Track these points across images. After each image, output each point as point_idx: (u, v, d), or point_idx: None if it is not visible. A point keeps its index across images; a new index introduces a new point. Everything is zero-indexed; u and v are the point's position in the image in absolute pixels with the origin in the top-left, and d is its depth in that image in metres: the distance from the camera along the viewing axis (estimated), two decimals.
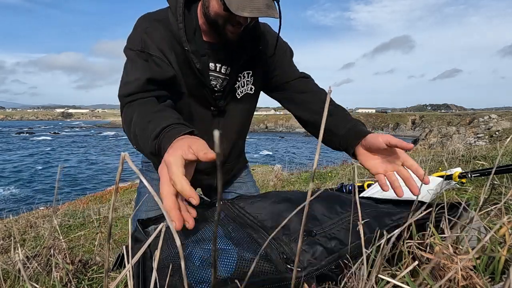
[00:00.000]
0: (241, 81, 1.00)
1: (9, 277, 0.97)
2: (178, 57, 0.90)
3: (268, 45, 1.01)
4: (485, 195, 0.64)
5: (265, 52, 1.01)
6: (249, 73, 1.01)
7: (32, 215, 2.61)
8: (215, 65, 0.95)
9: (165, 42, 0.88)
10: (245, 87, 1.03)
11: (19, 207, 8.04)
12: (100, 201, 4.08)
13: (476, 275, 0.46)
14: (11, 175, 17.57)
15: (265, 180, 3.44)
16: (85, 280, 0.95)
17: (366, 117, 61.33)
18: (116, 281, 0.33)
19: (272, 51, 0.99)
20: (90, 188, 12.29)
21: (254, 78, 1.03)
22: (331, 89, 0.26)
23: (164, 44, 0.88)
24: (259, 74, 1.04)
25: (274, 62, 1.05)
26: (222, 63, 0.96)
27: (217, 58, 0.95)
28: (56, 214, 2.34)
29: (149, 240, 0.32)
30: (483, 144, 5.84)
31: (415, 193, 0.71)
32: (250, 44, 0.95)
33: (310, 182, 0.23)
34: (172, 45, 0.89)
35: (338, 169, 3.70)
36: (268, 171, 4.87)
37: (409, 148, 0.73)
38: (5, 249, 1.58)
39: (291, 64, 1.09)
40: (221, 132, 0.82)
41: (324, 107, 0.27)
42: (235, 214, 0.73)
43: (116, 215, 2.22)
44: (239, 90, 1.02)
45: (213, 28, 0.88)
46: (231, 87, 0.98)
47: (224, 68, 0.97)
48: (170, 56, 0.89)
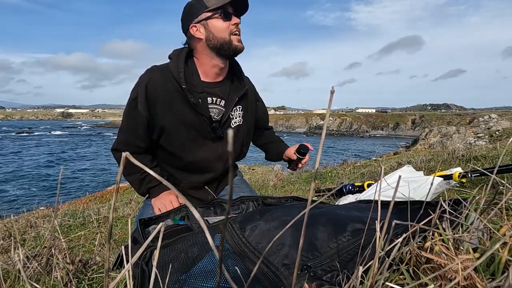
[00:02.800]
0: (234, 114, 1.25)
1: (9, 277, 0.97)
2: (176, 96, 1.12)
3: (253, 93, 1.36)
4: (486, 196, 0.63)
5: (252, 97, 1.34)
6: (240, 107, 1.27)
7: (32, 215, 2.60)
8: (212, 99, 1.19)
9: (159, 87, 1.11)
10: (237, 119, 1.27)
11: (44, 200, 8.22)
12: (100, 201, 4.07)
13: (476, 275, 0.46)
14: (29, 174, 17.40)
15: (265, 180, 3.44)
16: (85, 280, 0.95)
17: (366, 117, 61.25)
18: (116, 281, 0.33)
19: (257, 97, 1.40)
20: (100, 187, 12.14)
21: (243, 112, 1.29)
22: (333, 89, 0.26)
23: (158, 89, 1.11)
24: (248, 111, 1.31)
25: (258, 108, 1.41)
26: (218, 97, 1.20)
27: (214, 93, 1.19)
28: (56, 214, 2.34)
29: (148, 240, 0.32)
30: (483, 143, 5.85)
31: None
32: (237, 83, 1.25)
33: (311, 183, 0.23)
34: (171, 87, 1.11)
35: (338, 169, 3.70)
36: (268, 171, 4.87)
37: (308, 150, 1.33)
38: (5, 249, 1.58)
39: (266, 114, 1.50)
40: (221, 154, 1.15)
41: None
42: (235, 242, 0.72)
43: (116, 215, 2.22)
44: (233, 120, 1.25)
45: (225, 47, 1.11)
46: (227, 117, 1.21)
47: (219, 101, 1.21)
48: (165, 98, 1.11)
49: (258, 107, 1.42)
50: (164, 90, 1.11)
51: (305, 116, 65.81)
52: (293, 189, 2.83)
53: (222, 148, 1.24)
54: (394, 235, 0.60)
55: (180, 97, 1.12)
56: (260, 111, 1.44)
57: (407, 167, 1.49)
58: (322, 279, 0.56)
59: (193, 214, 0.40)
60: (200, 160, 1.23)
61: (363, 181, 1.75)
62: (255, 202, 1.13)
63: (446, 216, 0.60)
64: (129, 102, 1.15)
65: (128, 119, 1.16)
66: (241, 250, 0.68)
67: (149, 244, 0.75)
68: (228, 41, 1.10)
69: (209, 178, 1.29)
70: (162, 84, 1.11)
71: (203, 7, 1.09)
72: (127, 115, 1.16)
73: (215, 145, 1.23)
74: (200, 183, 1.30)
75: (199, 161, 1.23)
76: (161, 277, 0.61)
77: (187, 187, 1.30)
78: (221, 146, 1.24)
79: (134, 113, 1.13)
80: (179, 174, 1.27)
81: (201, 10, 1.09)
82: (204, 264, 0.65)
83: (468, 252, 0.53)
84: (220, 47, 1.11)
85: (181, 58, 1.13)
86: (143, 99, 1.10)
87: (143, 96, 1.10)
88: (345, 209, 0.82)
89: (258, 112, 1.42)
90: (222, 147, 1.24)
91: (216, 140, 1.23)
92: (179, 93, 1.11)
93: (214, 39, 1.10)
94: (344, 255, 0.60)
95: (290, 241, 0.64)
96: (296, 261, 0.25)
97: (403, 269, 0.52)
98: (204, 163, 1.24)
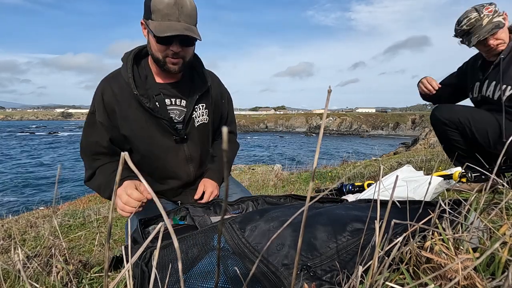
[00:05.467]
0: (197, 112, 1.20)
1: (9, 277, 0.97)
2: (132, 103, 1.09)
3: (221, 91, 1.32)
4: (486, 196, 0.63)
5: (217, 93, 1.28)
6: (203, 105, 1.22)
7: (32, 215, 2.60)
8: (170, 99, 1.15)
9: (114, 97, 1.09)
10: (201, 117, 1.22)
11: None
12: (100, 201, 4.07)
13: (476, 275, 0.46)
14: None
15: (265, 180, 3.44)
16: (85, 280, 0.95)
17: (366, 117, 61.25)
18: (116, 281, 0.33)
19: (223, 96, 1.32)
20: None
21: (208, 110, 1.24)
22: (330, 89, 0.26)
23: (113, 99, 1.09)
24: (212, 109, 1.25)
25: (225, 106, 1.35)
26: (177, 98, 1.16)
27: (172, 94, 1.16)
28: (56, 214, 2.34)
29: (147, 240, 0.32)
30: None
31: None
32: (200, 81, 1.20)
33: (311, 182, 0.23)
34: (126, 94, 1.08)
35: (338, 169, 3.70)
36: (268, 171, 4.87)
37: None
38: (5, 249, 1.58)
39: (232, 113, 1.42)
40: (188, 155, 1.08)
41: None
42: (235, 242, 0.72)
43: (116, 215, 2.22)
44: (197, 119, 1.21)
45: (158, 64, 1.08)
46: (189, 117, 1.17)
47: (179, 101, 1.17)
48: (121, 107, 1.09)
49: (224, 104, 1.35)
50: (120, 100, 1.08)
51: (305, 116, 65.84)
52: (293, 189, 2.83)
53: (189, 150, 1.20)
54: (394, 235, 0.60)
55: (137, 103, 1.08)
56: (223, 109, 1.35)
57: (407, 167, 1.49)
58: (321, 279, 0.55)
59: (158, 206, 0.40)
60: (169, 165, 1.19)
61: (363, 181, 1.75)
62: (254, 202, 1.13)
63: (446, 216, 0.60)
64: (88, 117, 1.12)
65: (88, 136, 1.12)
66: (241, 251, 0.68)
67: (149, 245, 0.75)
68: (162, 62, 1.06)
69: (183, 183, 1.24)
70: (116, 94, 1.08)
71: (148, 14, 0.99)
72: (86, 132, 1.13)
73: (180, 147, 1.18)
74: (175, 189, 1.25)
75: (169, 166, 1.19)
76: (160, 277, 0.61)
77: (168, 194, 1.26)
78: (187, 148, 1.20)
79: (93, 128, 1.10)
80: (153, 184, 1.22)
81: (147, 15, 1.00)
82: (204, 265, 0.65)
83: (468, 251, 0.53)
84: (155, 61, 1.08)
85: (129, 62, 1.08)
86: (101, 110, 1.09)
87: (101, 108, 1.08)
88: (344, 209, 0.82)
89: (223, 113, 1.36)
90: (189, 148, 1.20)
91: (181, 142, 1.18)
92: (134, 99, 1.07)
93: (150, 50, 1.07)
94: (343, 255, 0.60)
95: (290, 241, 0.64)
96: (295, 261, 0.25)
97: (403, 269, 0.52)
98: (173, 167, 1.20)
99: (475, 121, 1.51)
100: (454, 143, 1.59)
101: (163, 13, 0.96)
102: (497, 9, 1.48)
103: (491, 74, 1.53)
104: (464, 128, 1.53)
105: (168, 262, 0.68)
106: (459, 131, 1.56)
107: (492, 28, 1.44)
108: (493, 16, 1.47)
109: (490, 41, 1.48)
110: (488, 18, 1.47)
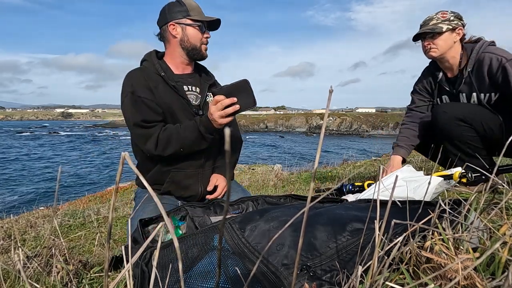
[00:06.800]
0: (209, 99, 1.42)
1: (9, 277, 0.97)
2: (160, 82, 1.29)
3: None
4: (486, 196, 0.63)
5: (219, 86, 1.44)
6: (212, 95, 1.40)
7: (32, 215, 2.60)
8: (187, 87, 1.38)
9: (146, 77, 1.28)
10: None
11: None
12: (100, 201, 4.08)
13: (476, 275, 0.46)
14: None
15: (265, 180, 3.44)
16: (85, 280, 0.95)
17: (366, 117, 61.22)
18: (116, 281, 0.33)
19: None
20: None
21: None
22: (332, 89, 0.26)
23: (147, 78, 1.28)
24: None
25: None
26: (192, 85, 1.39)
27: (188, 82, 1.39)
28: (56, 214, 2.34)
29: (147, 240, 0.32)
30: None
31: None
32: (205, 75, 1.48)
33: (312, 182, 0.23)
34: (153, 76, 1.30)
35: (338, 169, 3.70)
36: (268, 171, 4.87)
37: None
38: (5, 249, 1.58)
39: None
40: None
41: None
42: (235, 242, 0.72)
43: (116, 215, 2.22)
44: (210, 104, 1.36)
45: (194, 52, 1.35)
46: (205, 101, 1.39)
47: (194, 88, 1.40)
48: (153, 86, 1.27)
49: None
50: (150, 79, 1.28)
51: (305, 115, 65.80)
52: (293, 189, 2.83)
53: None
54: (394, 235, 0.60)
55: (163, 85, 1.29)
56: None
57: (407, 167, 1.49)
58: (321, 279, 0.55)
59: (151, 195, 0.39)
60: None
61: (363, 181, 1.75)
62: (254, 202, 1.13)
63: (446, 216, 0.60)
64: (128, 98, 1.25)
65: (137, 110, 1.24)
66: (240, 251, 0.68)
67: (149, 245, 0.75)
68: (198, 48, 1.35)
69: (200, 162, 1.36)
70: (146, 76, 1.29)
71: (186, 14, 1.31)
72: (132, 109, 1.24)
73: None
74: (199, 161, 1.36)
75: None
76: (161, 277, 0.61)
77: (180, 177, 1.34)
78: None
79: (138, 103, 1.24)
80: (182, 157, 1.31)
81: (183, 15, 1.31)
82: (203, 265, 0.65)
83: (468, 251, 0.53)
84: (190, 50, 1.34)
85: (153, 56, 1.35)
86: (141, 86, 1.25)
87: (141, 84, 1.26)
88: (344, 209, 0.82)
89: None
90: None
91: None
92: (162, 82, 1.30)
93: (188, 42, 1.33)
94: (343, 255, 0.60)
95: (290, 241, 0.64)
96: (296, 261, 0.25)
97: (403, 269, 0.52)
98: None
99: (484, 116, 1.52)
100: (467, 140, 1.55)
101: (198, 10, 1.33)
102: (452, 18, 1.54)
103: (463, 88, 1.60)
104: (480, 124, 1.52)
105: (168, 262, 0.68)
106: (473, 127, 1.53)
107: (431, 29, 1.53)
108: (442, 21, 1.54)
109: (425, 42, 1.58)
110: (436, 21, 1.54)
